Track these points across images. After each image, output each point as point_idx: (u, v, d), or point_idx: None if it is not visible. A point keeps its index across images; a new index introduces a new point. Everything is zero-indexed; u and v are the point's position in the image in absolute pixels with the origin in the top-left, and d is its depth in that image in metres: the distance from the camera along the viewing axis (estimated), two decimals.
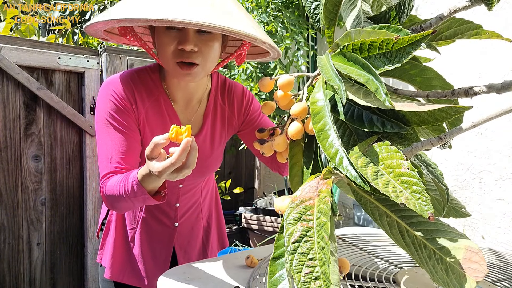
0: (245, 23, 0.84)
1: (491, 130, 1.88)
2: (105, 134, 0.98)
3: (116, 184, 0.92)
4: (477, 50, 1.92)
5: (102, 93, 1.01)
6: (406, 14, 0.63)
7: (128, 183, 0.88)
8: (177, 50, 0.93)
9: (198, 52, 0.93)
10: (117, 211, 1.01)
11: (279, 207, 0.51)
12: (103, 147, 0.98)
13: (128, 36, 1.00)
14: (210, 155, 1.15)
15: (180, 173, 0.78)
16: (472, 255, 0.48)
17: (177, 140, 0.76)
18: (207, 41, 0.94)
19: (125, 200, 0.90)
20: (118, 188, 0.91)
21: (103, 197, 0.97)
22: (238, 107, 1.18)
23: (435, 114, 0.52)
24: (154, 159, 0.79)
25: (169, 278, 0.88)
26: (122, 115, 0.99)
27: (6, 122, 2.15)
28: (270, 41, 0.90)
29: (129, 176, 0.89)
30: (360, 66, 0.51)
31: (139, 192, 0.86)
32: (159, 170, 0.77)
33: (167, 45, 0.93)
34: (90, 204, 2.39)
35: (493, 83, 0.52)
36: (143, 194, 0.86)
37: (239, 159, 3.53)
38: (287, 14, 2.42)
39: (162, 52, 0.95)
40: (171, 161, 0.75)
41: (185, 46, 0.91)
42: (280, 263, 0.46)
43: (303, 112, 0.59)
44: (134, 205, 0.92)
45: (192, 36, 0.92)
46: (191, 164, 0.78)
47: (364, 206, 0.52)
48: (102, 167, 0.98)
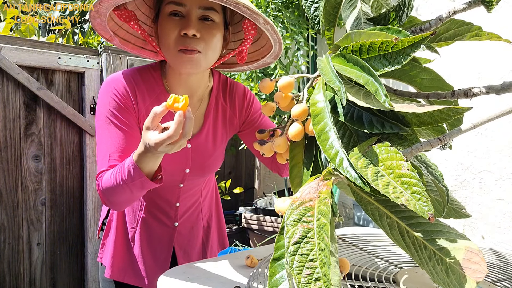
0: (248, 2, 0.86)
1: (491, 130, 1.88)
2: (105, 131, 0.99)
3: (112, 174, 0.91)
4: (477, 51, 1.93)
5: (103, 91, 1.02)
6: (405, 16, 0.63)
7: (124, 169, 0.88)
8: (179, 37, 0.94)
9: (201, 39, 0.94)
10: (115, 207, 1.00)
11: (279, 208, 0.51)
12: (103, 144, 0.98)
13: (132, 23, 1.00)
14: (212, 154, 1.15)
15: (176, 144, 0.79)
16: (472, 255, 0.49)
17: (174, 109, 0.77)
18: (210, 29, 0.96)
19: (123, 189, 0.89)
20: (115, 176, 0.90)
21: (99, 193, 0.96)
22: (239, 107, 1.18)
23: (435, 115, 0.52)
24: (151, 130, 0.80)
25: (169, 278, 0.88)
26: (123, 113, 1.00)
27: (6, 122, 2.15)
28: (272, 23, 0.91)
29: (125, 162, 0.89)
30: (360, 67, 0.51)
31: (136, 175, 0.86)
32: (156, 142, 0.77)
33: (170, 32, 0.94)
34: (90, 204, 2.39)
35: (492, 84, 0.52)
36: (140, 177, 0.86)
37: (239, 159, 3.53)
38: (287, 14, 2.42)
39: (165, 39, 0.96)
40: (168, 134, 0.76)
41: (187, 30, 0.92)
42: (281, 264, 0.46)
43: (304, 113, 0.59)
44: (133, 193, 0.91)
45: (195, 22, 0.94)
46: (187, 134, 0.79)
47: (364, 207, 0.52)
48: (100, 164, 0.97)
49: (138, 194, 0.93)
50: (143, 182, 0.88)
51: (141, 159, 0.85)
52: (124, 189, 0.90)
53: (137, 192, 0.91)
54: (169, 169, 1.08)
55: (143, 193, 0.94)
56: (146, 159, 0.85)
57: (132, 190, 0.90)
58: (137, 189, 0.90)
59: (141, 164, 0.86)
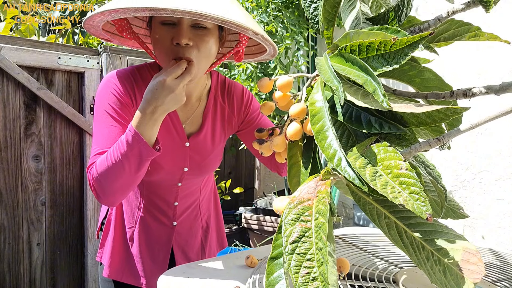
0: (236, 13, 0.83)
1: (491, 130, 1.88)
2: (102, 125, 0.99)
3: (108, 153, 0.91)
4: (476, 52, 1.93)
5: (103, 86, 1.02)
6: (404, 16, 0.63)
7: (123, 141, 0.89)
8: (172, 46, 0.92)
9: (193, 47, 0.92)
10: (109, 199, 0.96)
11: (277, 208, 0.51)
12: (99, 138, 0.98)
13: (125, 33, 1.00)
14: (210, 153, 1.15)
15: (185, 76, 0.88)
16: (470, 256, 0.49)
17: None
18: (203, 36, 0.93)
19: (120, 167, 0.89)
20: (112, 154, 0.90)
21: (93, 184, 0.94)
22: (238, 107, 1.18)
23: (433, 115, 0.52)
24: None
25: (169, 278, 0.88)
26: (121, 109, 1.00)
27: (6, 122, 2.15)
28: (262, 33, 0.89)
29: (122, 136, 0.90)
30: (359, 67, 0.51)
31: (135, 142, 0.87)
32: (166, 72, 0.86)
33: (162, 41, 0.92)
34: (90, 204, 2.39)
35: (491, 84, 0.52)
36: (139, 143, 0.87)
37: (239, 159, 3.53)
38: (287, 14, 2.42)
39: (158, 48, 0.95)
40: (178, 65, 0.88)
41: (179, 40, 0.90)
42: (278, 263, 0.46)
43: (302, 112, 0.59)
44: (131, 169, 0.90)
45: (186, 30, 0.91)
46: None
47: (362, 207, 0.52)
48: (92, 156, 0.97)
49: (135, 172, 0.91)
50: (142, 151, 0.88)
51: (139, 123, 0.87)
52: (122, 166, 0.89)
53: (135, 167, 0.90)
54: (167, 167, 1.08)
55: (140, 172, 0.92)
56: (144, 121, 0.87)
57: (131, 164, 0.89)
58: (135, 161, 0.89)
59: (140, 129, 0.87)
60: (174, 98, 0.88)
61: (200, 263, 0.98)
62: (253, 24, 0.87)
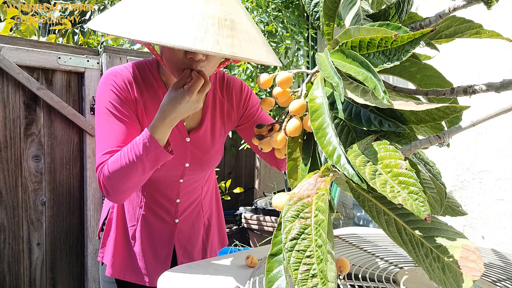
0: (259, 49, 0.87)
1: (491, 130, 1.88)
2: (105, 123, 1.00)
3: (121, 154, 0.93)
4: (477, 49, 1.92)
5: (102, 84, 1.03)
6: (405, 12, 0.63)
7: (138, 144, 0.91)
8: (185, 59, 0.93)
9: (206, 60, 0.94)
10: (118, 197, 0.99)
11: (276, 204, 0.51)
12: (103, 136, 0.99)
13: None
14: (211, 148, 1.16)
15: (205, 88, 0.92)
16: (469, 254, 0.48)
17: None
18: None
19: (134, 168, 0.91)
20: (125, 155, 0.92)
21: (104, 182, 0.96)
22: (237, 101, 1.19)
23: (433, 113, 0.51)
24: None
25: (169, 278, 0.87)
26: (122, 105, 1.01)
27: (6, 122, 2.15)
28: (277, 63, 0.95)
29: (136, 139, 0.93)
30: (359, 63, 0.50)
31: (152, 147, 0.90)
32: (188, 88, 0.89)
33: (176, 53, 0.93)
34: (90, 204, 2.39)
35: (492, 82, 0.51)
36: (156, 149, 0.90)
37: (239, 159, 3.53)
38: (287, 14, 2.42)
39: (170, 57, 0.95)
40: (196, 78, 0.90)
41: (195, 55, 0.91)
42: (278, 260, 0.46)
43: (302, 109, 0.59)
44: (144, 171, 0.93)
45: None
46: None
47: (362, 204, 0.52)
48: (100, 155, 0.98)
49: (148, 172, 0.95)
50: (158, 155, 0.91)
51: (156, 129, 0.91)
52: (135, 168, 0.92)
53: (149, 169, 0.94)
54: (169, 163, 1.08)
55: (151, 172, 0.96)
56: (162, 129, 0.91)
57: (145, 167, 0.93)
58: (150, 165, 0.93)
59: (157, 135, 0.91)
60: (195, 108, 0.93)
61: (200, 262, 0.98)
62: (273, 58, 0.92)
